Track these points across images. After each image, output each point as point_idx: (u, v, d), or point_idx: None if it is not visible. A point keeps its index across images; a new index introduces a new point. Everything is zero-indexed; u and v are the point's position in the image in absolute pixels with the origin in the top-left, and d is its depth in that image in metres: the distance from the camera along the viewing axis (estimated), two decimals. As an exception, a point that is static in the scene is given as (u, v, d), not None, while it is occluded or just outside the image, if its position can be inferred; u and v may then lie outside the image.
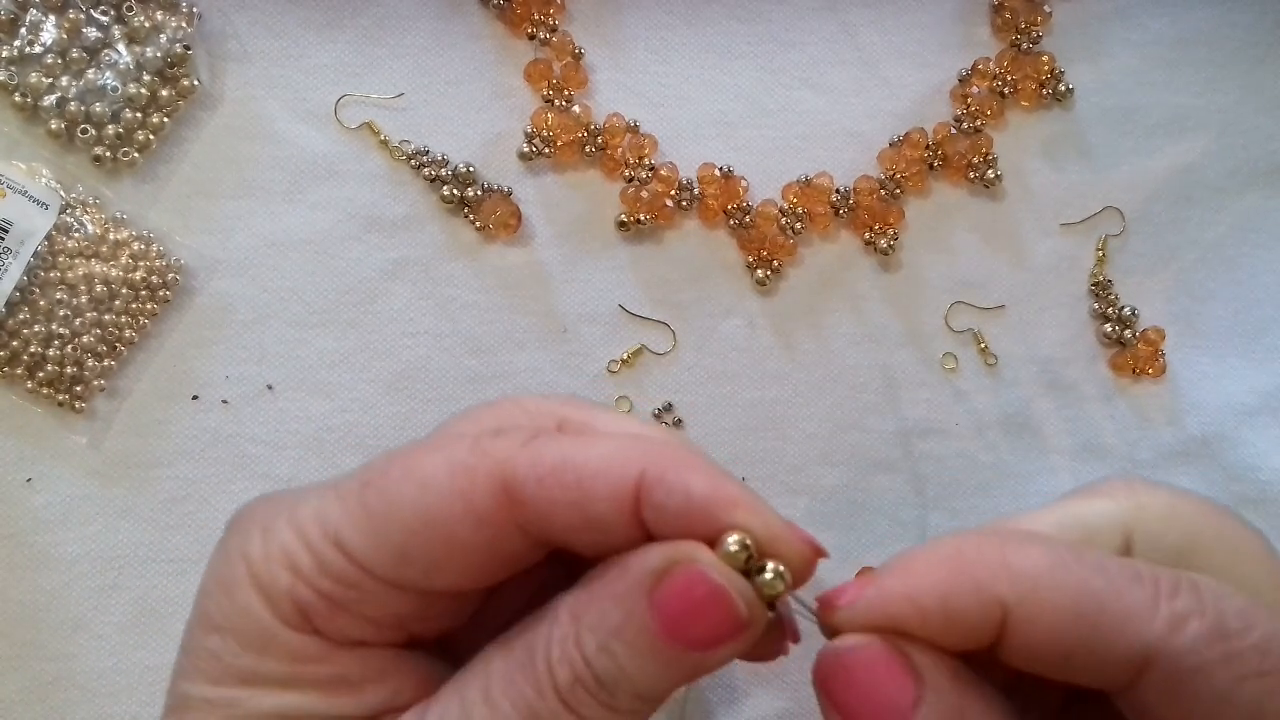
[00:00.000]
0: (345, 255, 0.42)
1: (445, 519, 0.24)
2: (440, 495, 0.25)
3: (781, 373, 0.42)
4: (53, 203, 0.40)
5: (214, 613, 0.26)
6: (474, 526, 0.24)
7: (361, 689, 0.26)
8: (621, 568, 0.24)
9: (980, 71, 0.43)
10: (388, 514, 0.25)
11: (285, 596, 0.25)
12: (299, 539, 0.25)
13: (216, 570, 0.26)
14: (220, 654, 0.25)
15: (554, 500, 0.24)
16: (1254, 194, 0.43)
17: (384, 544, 0.25)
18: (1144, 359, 0.42)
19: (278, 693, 0.25)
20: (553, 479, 0.24)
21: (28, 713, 0.39)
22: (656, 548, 0.24)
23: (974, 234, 0.43)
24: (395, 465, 0.25)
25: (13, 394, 0.40)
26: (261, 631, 0.25)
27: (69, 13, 0.41)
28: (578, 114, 0.42)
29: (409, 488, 0.25)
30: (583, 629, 0.24)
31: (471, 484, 0.24)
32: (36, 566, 0.39)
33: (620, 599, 0.24)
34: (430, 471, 0.25)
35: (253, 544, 0.26)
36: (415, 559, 0.25)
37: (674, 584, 0.24)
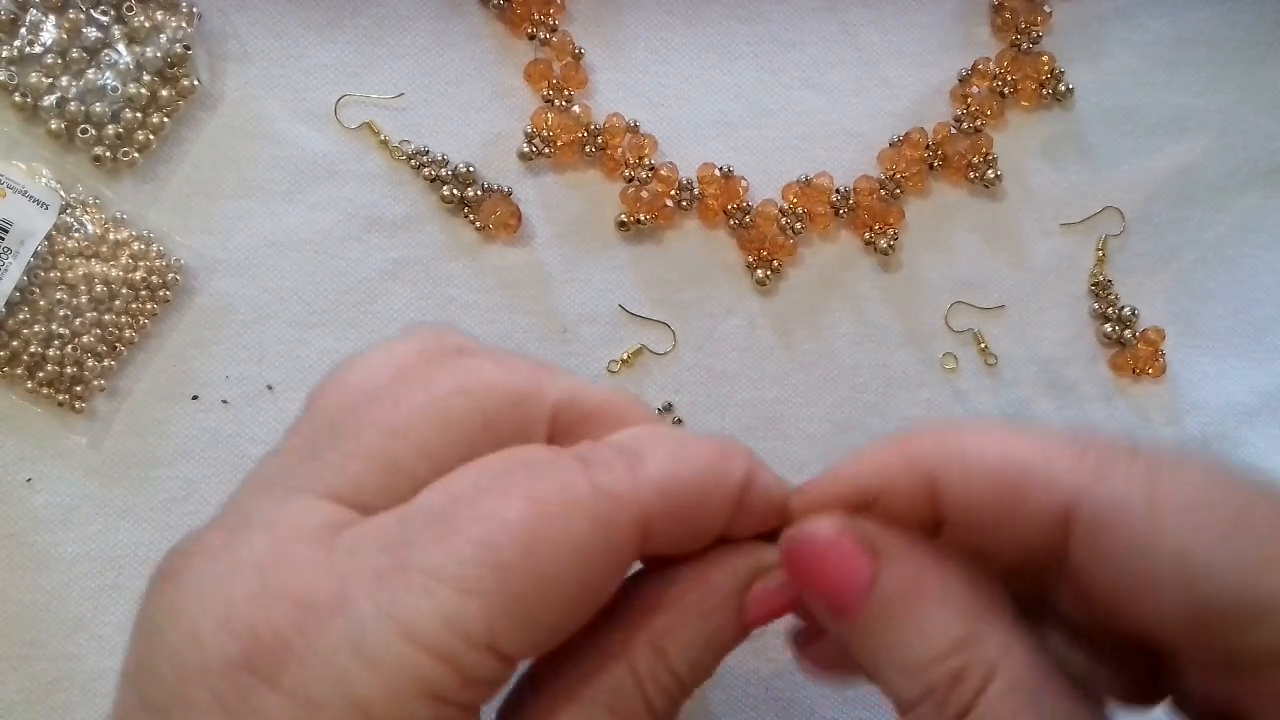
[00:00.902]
0: (345, 255, 0.42)
1: (597, 582, 0.23)
2: (593, 561, 0.22)
3: (781, 373, 0.42)
4: (53, 203, 0.40)
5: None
6: (617, 574, 0.24)
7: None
8: (703, 585, 0.25)
9: (980, 71, 0.43)
10: (546, 596, 0.22)
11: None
12: (433, 658, 0.21)
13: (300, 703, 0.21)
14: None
15: (676, 522, 0.24)
16: (1254, 194, 0.43)
17: (540, 629, 0.22)
18: (1144, 359, 0.42)
19: None
20: (677, 504, 0.24)
21: (28, 713, 0.39)
22: (736, 559, 0.25)
23: (974, 234, 0.43)
24: (529, 535, 0.22)
25: (13, 394, 0.40)
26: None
27: (69, 13, 0.41)
28: (578, 114, 0.42)
29: (563, 565, 0.22)
30: (673, 655, 0.24)
31: (619, 540, 0.23)
32: (36, 566, 0.39)
33: (709, 614, 0.25)
34: (580, 537, 0.22)
35: (355, 677, 0.20)
36: (567, 628, 0.23)
37: (768, 591, 0.25)
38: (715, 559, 0.25)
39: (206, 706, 0.21)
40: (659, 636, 0.24)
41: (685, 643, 0.24)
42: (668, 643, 0.24)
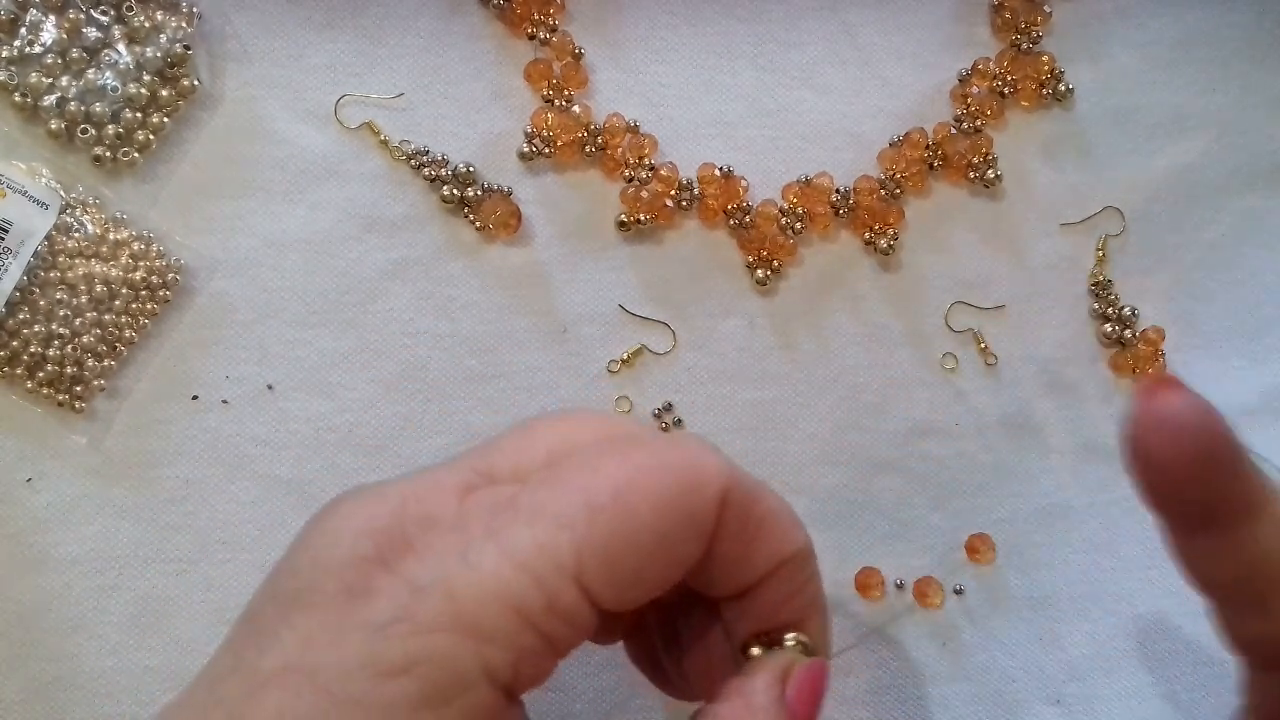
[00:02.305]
0: (345, 255, 0.42)
1: (678, 540, 0.25)
2: (677, 518, 0.24)
3: (781, 373, 0.42)
4: (53, 203, 0.40)
5: (396, 655, 0.22)
6: (697, 545, 0.25)
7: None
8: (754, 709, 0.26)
9: (980, 71, 0.43)
10: (628, 540, 0.24)
11: (506, 644, 0.23)
12: (526, 574, 0.23)
13: (398, 605, 0.23)
14: (396, 705, 0.22)
15: (739, 534, 0.26)
16: (1254, 194, 0.43)
17: (623, 571, 0.24)
18: (1144, 359, 0.42)
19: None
20: (748, 514, 0.26)
21: (28, 713, 0.39)
22: (766, 671, 0.27)
23: (974, 234, 0.43)
24: (619, 484, 0.24)
25: (13, 394, 0.40)
26: (457, 682, 0.22)
27: (69, 13, 0.41)
28: (578, 114, 0.42)
29: (649, 512, 0.24)
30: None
31: (703, 504, 0.25)
32: (36, 566, 0.39)
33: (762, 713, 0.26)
34: (666, 491, 0.24)
35: (456, 579, 0.23)
36: (648, 581, 0.24)
37: (803, 683, 0.27)
38: (746, 683, 0.27)
39: (333, 593, 0.23)
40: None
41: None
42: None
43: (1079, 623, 0.41)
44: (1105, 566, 0.41)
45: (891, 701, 0.40)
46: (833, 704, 0.40)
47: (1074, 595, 0.41)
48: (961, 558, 0.41)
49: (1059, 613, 0.41)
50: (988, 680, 0.41)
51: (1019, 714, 0.41)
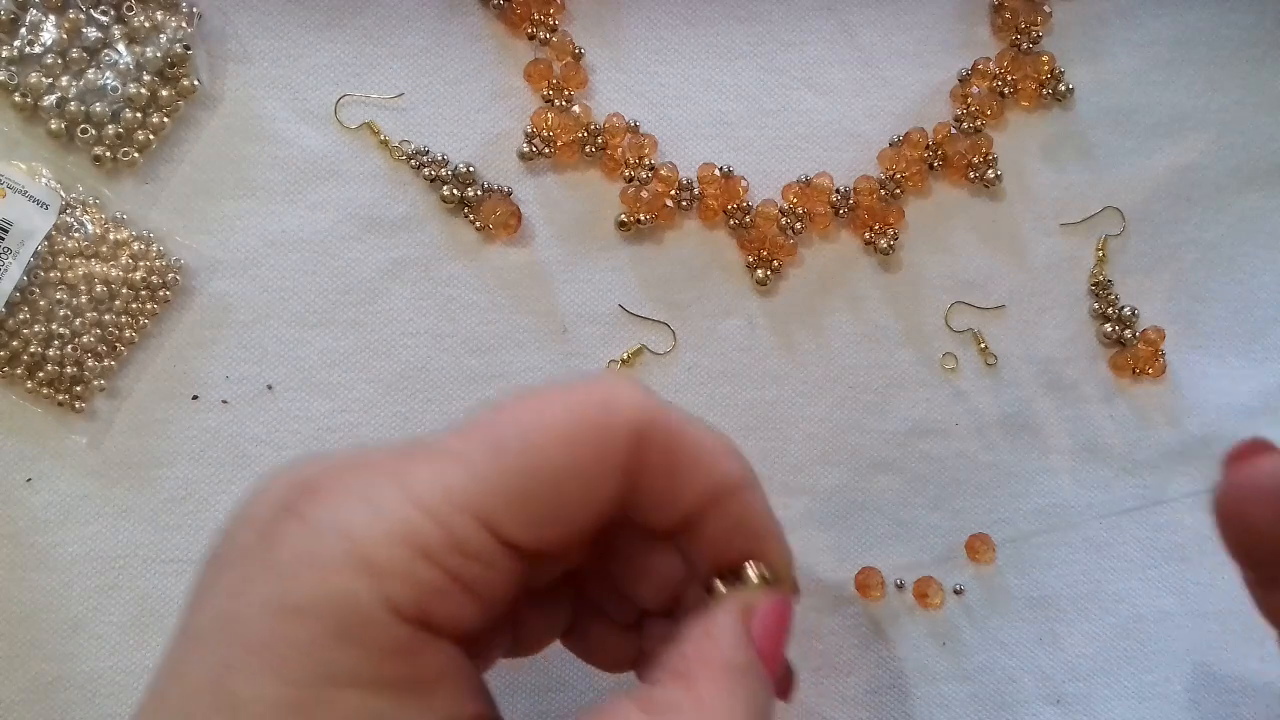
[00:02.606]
0: (345, 255, 0.42)
1: (589, 473, 0.25)
2: (587, 451, 0.24)
3: (781, 373, 0.42)
4: (53, 203, 0.40)
5: (298, 595, 0.22)
6: (612, 481, 0.25)
7: (433, 693, 0.23)
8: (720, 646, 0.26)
9: (980, 71, 0.43)
10: (534, 474, 0.24)
11: (405, 580, 0.23)
12: (424, 513, 0.23)
13: (300, 545, 0.23)
14: (300, 642, 0.22)
15: (665, 468, 0.26)
16: (1254, 194, 0.43)
17: (530, 507, 0.24)
18: (1144, 359, 0.42)
19: (352, 693, 0.22)
20: (673, 449, 0.26)
21: (28, 713, 0.39)
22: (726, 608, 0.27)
23: (974, 234, 0.43)
24: (527, 418, 0.24)
25: (13, 394, 0.40)
26: (359, 618, 0.22)
27: (69, 13, 0.41)
28: (578, 114, 0.42)
29: (555, 445, 0.24)
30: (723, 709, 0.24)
31: (614, 438, 0.25)
32: (36, 566, 0.39)
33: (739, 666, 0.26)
34: (573, 425, 0.24)
35: (354, 517, 0.23)
36: (559, 517, 0.24)
37: (767, 619, 0.27)
38: (711, 623, 0.27)
39: (250, 544, 0.24)
40: (709, 700, 0.25)
41: (739, 702, 0.25)
42: (719, 705, 0.25)
43: (1079, 623, 0.41)
44: (1105, 566, 0.41)
45: (891, 701, 0.40)
46: (833, 704, 0.40)
47: (1074, 595, 0.41)
48: (961, 558, 0.41)
49: (1059, 613, 0.41)
50: (988, 680, 0.41)
51: (1019, 714, 0.41)
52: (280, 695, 0.22)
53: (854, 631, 0.41)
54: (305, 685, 0.22)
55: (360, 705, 0.22)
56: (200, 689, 0.23)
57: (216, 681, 0.22)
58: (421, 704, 0.23)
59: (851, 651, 0.41)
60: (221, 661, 0.22)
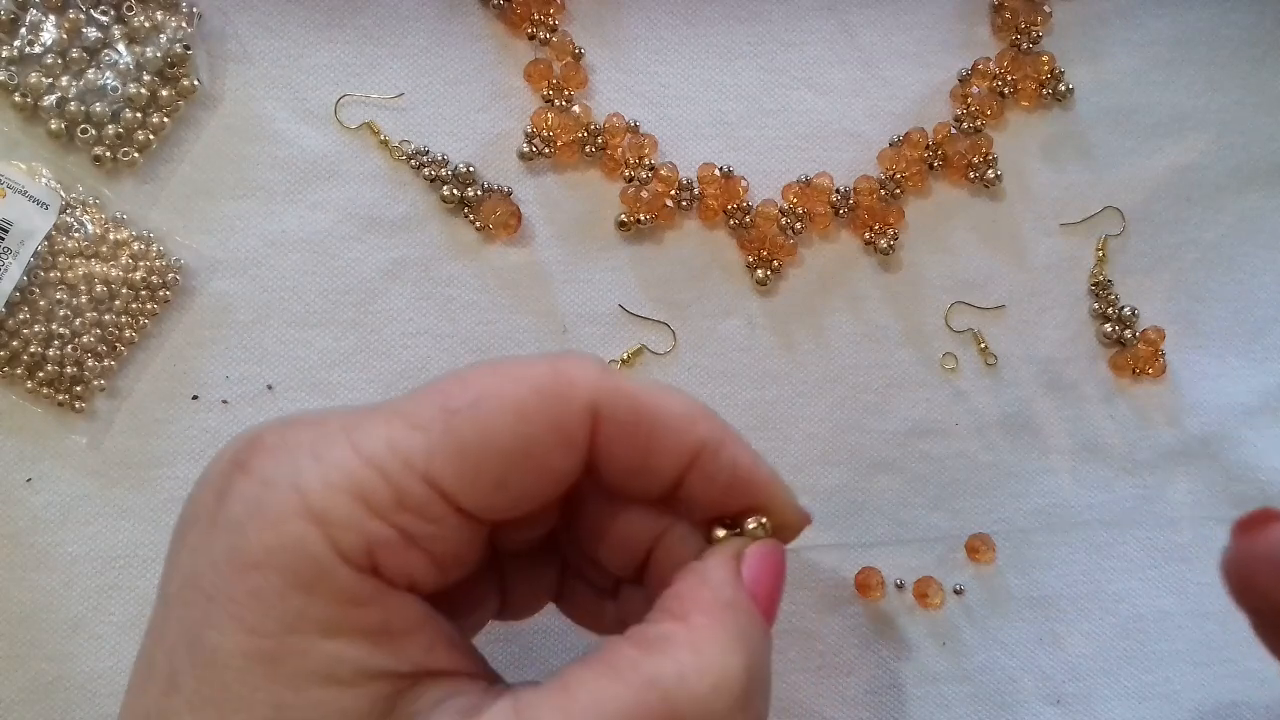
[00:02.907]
0: (345, 255, 0.42)
1: (542, 446, 0.25)
2: (539, 423, 0.25)
3: (781, 373, 0.42)
4: (53, 203, 0.40)
5: (252, 547, 0.23)
6: (565, 453, 0.25)
7: (403, 640, 0.24)
8: (709, 584, 0.26)
9: (980, 71, 0.43)
10: (485, 444, 0.24)
11: (351, 530, 0.23)
12: (372, 469, 0.24)
13: (249, 498, 0.24)
14: (262, 593, 0.23)
15: (630, 439, 0.26)
16: (1254, 194, 0.43)
17: (481, 476, 0.24)
18: (1144, 359, 0.42)
19: (323, 642, 0.23)
20: (634, 418, 0.26)
21: (28, 713, 0.39)
22: (721, 553, 0.27)
23: (974, 234, 0.43)
24: (481, 391, 0.25)
25: (13, 394, 0.40)
26: (313, 567, 0.23)
27: (69, 13, 0.41)
28: (578, 114, 0.42)
29: (507, 417, 0.24)
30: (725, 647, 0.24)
31: (568, 411, 0.25)
32: (36, 566, 0.39)
33: (732, 605, 0.26)
34: (525, 398, 0.25)
35: (304, 471, 0.24)
36: (511, 487, 0.25)
37: (758, 564, 0.27)
38: (702, 568, 0.27)
39: (209, 503, 0.25)
40: (700, 634, 0.25)
41: (730, 638, 0.25)
42: (712, 639, 0.25)
43: (1079, 623, 0.41)
44: (1105, 566, 0.41)
45: (891, 701, 0.40)
46: (833, 704, 0.40)
47: (1074, 595, 0.41)
48: (961, 558, 0.41)
49: (1059, 613, 0.41)
50: (988, 680, 0.41)
51: (1019, 714, 0.41)
52: (252, 645, 0.23)
53: (854, 631, 0.41)
54: (273, 635, 0.23)
55: (330, 652, 0.23)
56: (179, 647, 0.24)
57: (192, 638, 0.23)
58: (391, 652, 0.24)
59: (851, 651, 0.41)
60: (194, 618, 0.23)
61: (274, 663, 0.23)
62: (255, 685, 0.23)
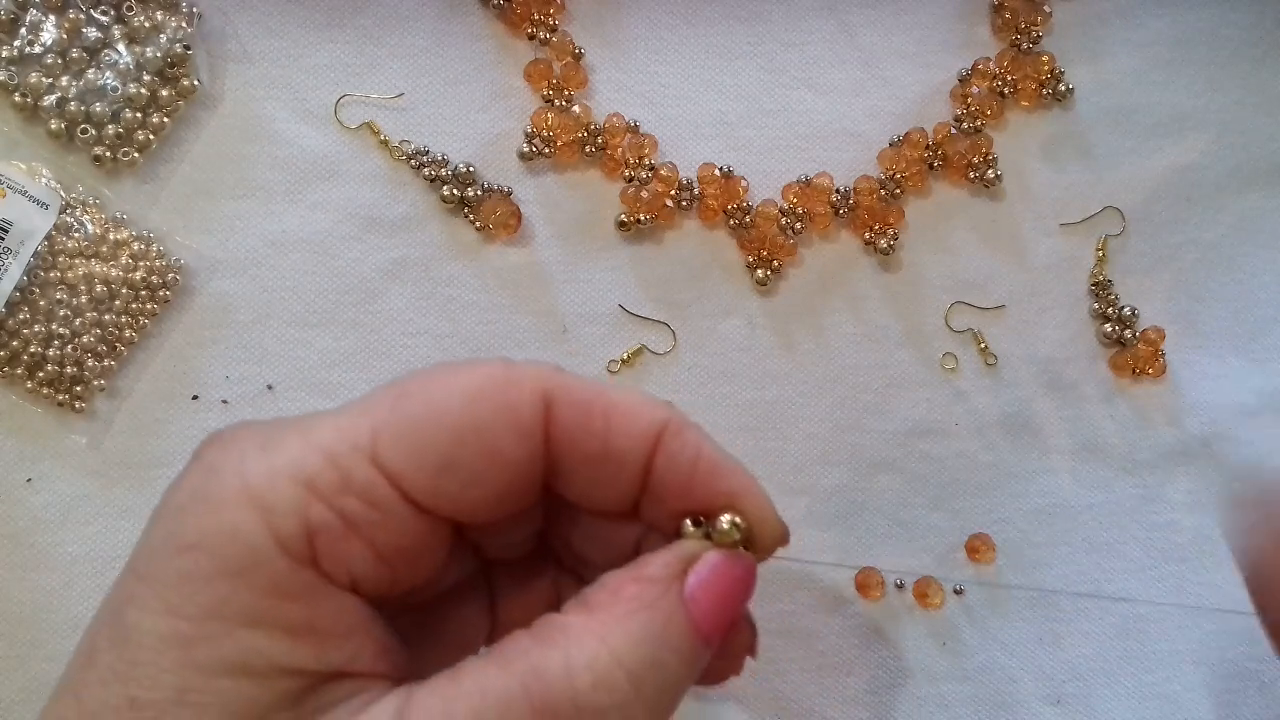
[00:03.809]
0: (345, 255, 0.42)
1: (491, 429, 0.24)
2: (487, 405, 0.24)
3: (781, 373, 0.42)
4: (53, 203, 0.40)
5: (188, 530, 0.23)
6: (516, 439, 0.25)
7: (327, 641, 0.23)
8: (639, 579, 0.25)
9: (980, 71, 0.43)
10: (433, 421, 0.24)
11: (292, 516, 0.23)
12: (318, 453, 0.24)
13: (194, 485, 0.24)
14: (191, 576, 0.23)
15: (586, 426, 0.25)
16: (1254, 194, 0.43)
17: (427, 454, 0.24)
18: (1144, 359, 0.42)
19: (243, 632, 0.22)
20: (588, 405, 0.25)
21: (28, 713, 0.39)
22: (668, 551, 0.25)
23: (974, 234, 0.43)
24: (431, 379, 0.25)
25: (13, 394, 0.40)
26: (248, 554, 0.23)
27: (69, 13, 0.41)
28: (578, 114, 0.42)
29: (455, 398, 0.24)
30: (623, 651, 0.23)
31: (518, 396, 0.25)
32: (36, 566, 0.39)
33: (653, 607, 0.24)
34: (475, 383, 0.25)
35: (250, 459, 0.24)
36: (459, 470, 0.24)
37: (709, 576, 0.25)
38: (647, 557, 0.26)
39: (166, 497, 0.25)
40: (603, 628, 0.24)
41: (635, 637, 0.24)
42: (614, 635, 0.24)
43: (1079, 623, 0.41)
44: (1105, 566, 0.41)
45: (891, 701, 0.40)
46: (833, 704, 0.40)
47: (1074, 595, 0.41)
48: (961, 558, 0.41)
49: (1059, 613, 0.41)
50: (988, 680, 0.41)
51: (1019, 714, 0.41)
52: (168, 627, 0.22)
53: (854, 631, 0.41)
54: (194, 619, 0.22)
55: (248, 643, 0.22)
56: (101, 622, 0.24)
57: (115, 614, 0.23)
58: (313, 650, 0.23)
59: (851, 651, 0.41)
60: (120, 596, 0.23)
61: (188, 646, 0.22)
62: (164, 666, 0.22)
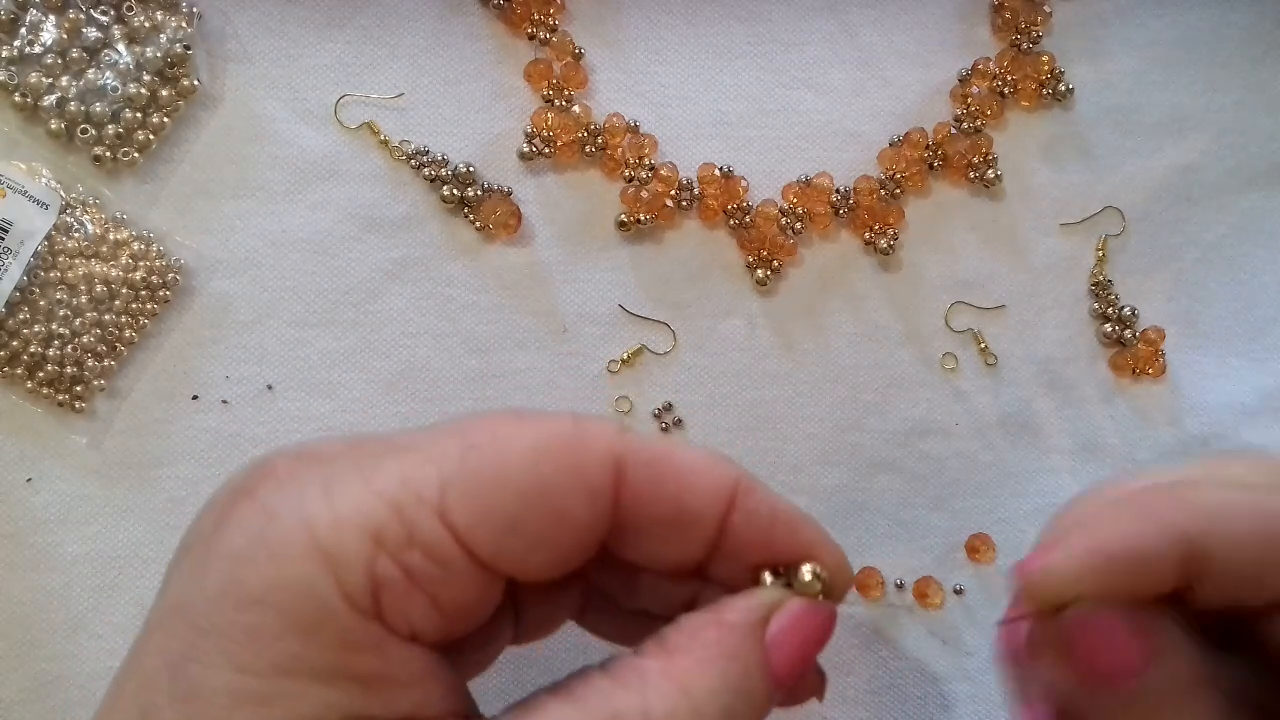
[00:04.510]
0: (345, 255, 0.42)
1: (560, 491, 0.24)
2: (556, 466, 0.24)
3: (781, 373, 0.42)
4: (53, 203, 0.40)
5: (251, 582, 0.22)
6: (585, 501, 0.24)
7: (395, 689, 0.23)
8: (720, 624, 0.24)
9: (980, 71, 0.43)
10: (501, 480, 0.23)
11: (360, 570, 0.22)
12: (384, 504, 0.23)
13: (252, 529, 0.23)
14: (259, 632, 0.22)
15: (658, 488, 0.25)
16: (1254, 194, 0.43)
17: (494, 514, 0.23)
18: (1144, 359, 0.42)
19: (316, 687, 0.22)
20: (659, 466, 0.25)
21: (28, 713, 0.39)
22: (747, 598, 0.25)
23: (974, 234, 0.43)
24: (498, 431, 0.24)
25: (13, 394, 0.40)
26: (317, 610, 0.22)
27: (69, 13, 0.41)
28: (578, 114, 0.42)
29: (523, 456, 0.23)
30: (700, 697, 0.23)
31: (587, 458, 0.24)
32: (36, 566, 0.39)
33: (733, 656, 0.24)
34: (543, 440, 0.24)
35: (311, 505, 0.23)
36: (525, 531, 0.23)
37: (791, 624, 0.25)
38: (727, 602, 0.25)
39: (207, 530, 0.24)
40: (682, 674, 0.23)
41: (713, 685, 0.23)
42: (693, 682, 0.23)
43: (1079, 623, 0.41)
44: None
45: (891, 701, 0.40)
46: (833, 704, 0.40)
47: (1074, 595, 0.41)
48: (961, 558, 0.41)
49: (1059, 613, 0.41)
50: (988, 680, 0.41)
51: (1019, 714, 0.40)
52: (239, 685, 0.22)
53: (854, 631, 0.41)
54: (263, 675, 0.22)
55: (319, 697, 0.22)
56: (157, 677, 0.22)
57: (175, 669, 0.22)
58: (382, 700, 0.23)
59: (851, 651, 0.41)
60: (179, 650, 0.22)
61: (261, 704, 0.22)
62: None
